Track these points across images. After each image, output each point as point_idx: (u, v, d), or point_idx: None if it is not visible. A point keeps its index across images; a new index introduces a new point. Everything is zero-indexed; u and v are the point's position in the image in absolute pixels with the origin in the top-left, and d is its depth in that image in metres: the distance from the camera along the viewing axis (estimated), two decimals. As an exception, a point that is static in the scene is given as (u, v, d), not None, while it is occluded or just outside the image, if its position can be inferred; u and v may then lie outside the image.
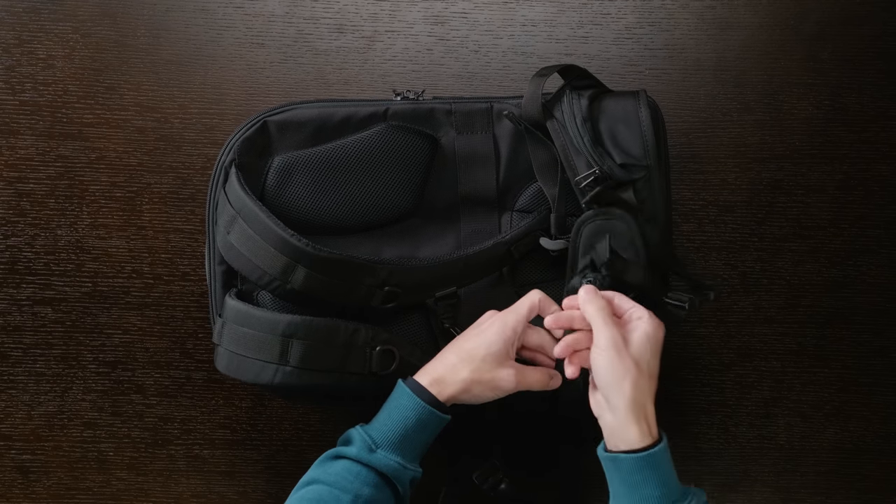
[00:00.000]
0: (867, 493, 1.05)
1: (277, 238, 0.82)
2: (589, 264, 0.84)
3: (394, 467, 0.79)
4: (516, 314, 0.82)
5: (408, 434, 0.80)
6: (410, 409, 0.80)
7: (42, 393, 1.03)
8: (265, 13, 1.02)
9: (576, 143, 0.85)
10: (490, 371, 0.81)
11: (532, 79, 0.87)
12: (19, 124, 1.02)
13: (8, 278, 1.02)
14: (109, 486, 1.04)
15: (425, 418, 0.80)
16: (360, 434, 0.80)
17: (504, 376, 0.81)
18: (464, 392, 0.81)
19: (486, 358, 0.81)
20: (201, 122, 1.02)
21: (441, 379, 0.81)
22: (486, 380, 0.81)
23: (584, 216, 0.84)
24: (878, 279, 1.04)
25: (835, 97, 1.03)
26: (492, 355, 0.81)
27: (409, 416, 0.80)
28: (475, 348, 0.81)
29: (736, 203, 1.03)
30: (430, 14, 1.03)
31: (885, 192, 1.04)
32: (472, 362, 0.81)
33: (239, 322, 0.85)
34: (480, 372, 0.81)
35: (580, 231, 0.85)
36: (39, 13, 1.02)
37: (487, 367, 0.81)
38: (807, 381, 1.05)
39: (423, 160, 0.89)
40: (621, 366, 0.76)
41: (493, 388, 0.82)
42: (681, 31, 1.03)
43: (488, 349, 0.81)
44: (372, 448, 0.79)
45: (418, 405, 0.80)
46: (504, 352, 0.81)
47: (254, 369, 0.84)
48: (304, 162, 0.88)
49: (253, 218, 0.83)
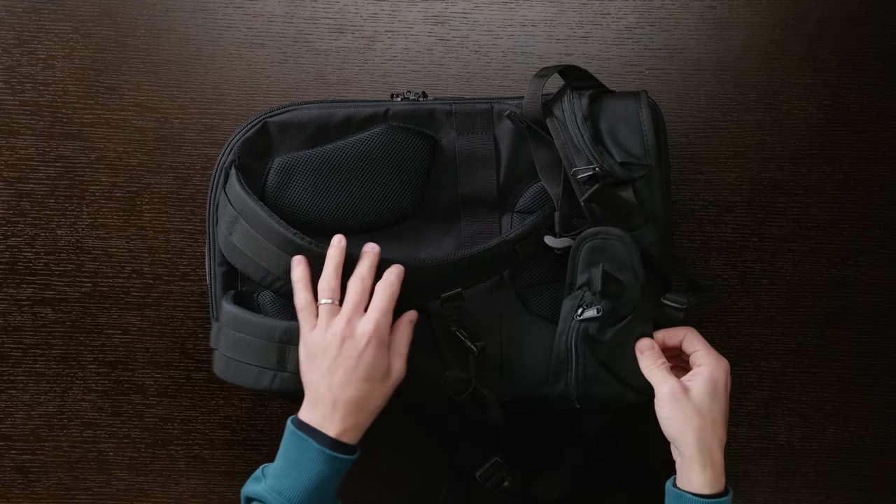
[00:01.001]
0: (867, 493, 1.06)
1: (280, 237, 0.82)
2: (587, 284, 0.84)
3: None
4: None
5: (323, 486, 0.77)
6: (321, 462, 0.76)
7: (42, 393, 1.03)
8: (265, 13, 1.02)
9: (576, 140, 0.85)
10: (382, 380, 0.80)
11: (532, 79, 0.87)
12: (19, 124, 1.02)
13: (8, 278, 1.02)
14: (109, 486, 1.04)
15: (339, 467, 0.78)
16: (274, 498, 0.76)
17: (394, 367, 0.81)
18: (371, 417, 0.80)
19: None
20: (201, 122, 1.02)
21: (347, 419, 0.78)
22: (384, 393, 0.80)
23: (584, 234, 0.84)
24: (878, 279, 1.04)
25: (835, 97, 1.03)
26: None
27: (322, 469, 0.76)
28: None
29: (736, 203, 1.03)
30: (430, 14, 1.03)
31: (885, 192, 1.04)
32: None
33: (236, 327, 0.85)
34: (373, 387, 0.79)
35: (580, 248, 0.85)
36: (39, 13, 1.02)
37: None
38: (807, 381, 1.05)
39: (423, 161, 0.89)
40: (683, 416, 0.78)
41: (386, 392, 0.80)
42: (681, 31, 1.03)
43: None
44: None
45: (330, 458, 0.77)
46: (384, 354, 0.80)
47: (252, 375, 0.84)
48: (305, 163, 0.88)
49: (255, 218, 0.83)
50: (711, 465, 0.78)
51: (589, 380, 0.84)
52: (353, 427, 0.78)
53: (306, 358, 0.80)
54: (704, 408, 0.79)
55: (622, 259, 0.84)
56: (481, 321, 0.88)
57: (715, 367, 0.81)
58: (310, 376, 0.79)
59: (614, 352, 0.84)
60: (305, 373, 0.80)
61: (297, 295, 0.80)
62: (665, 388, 0.80)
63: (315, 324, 0.80)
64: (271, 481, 0.77)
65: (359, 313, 0.79)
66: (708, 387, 0.80)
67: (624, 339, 0.84)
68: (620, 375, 0.85)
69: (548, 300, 0.89)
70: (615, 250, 0.84)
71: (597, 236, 0.84)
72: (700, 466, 0.78)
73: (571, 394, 0.85)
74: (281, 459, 0.78)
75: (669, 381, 0.80)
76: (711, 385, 0.80)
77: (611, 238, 0.84)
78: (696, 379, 0.80)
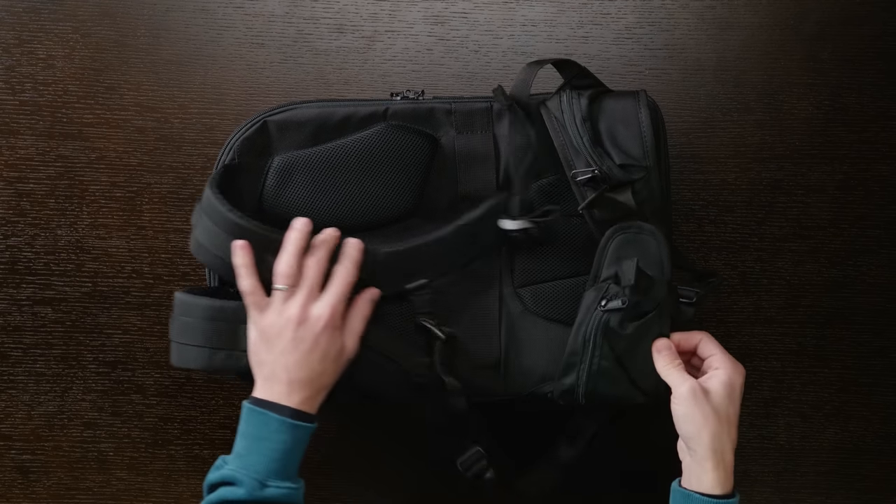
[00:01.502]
0: (867, 493, 1.05)
1: (232, 224, 0.81)
2: (612, 277, 0.84)
3: (288, 494, 0.78)
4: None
5: (288, 457, 0.79)
6: (283, 431, 0.78)
7: (42, 393, 1.03)
8: (265, 13, 1.03)
9: (575, 142, 0.85)
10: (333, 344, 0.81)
11: (527, 65, 0.87)
12: (19, 124, 1.02)
13: (8, 278, 1.02)
14: (109, 486, 1.04)
15: (300, 436, 0.79)
16: (242, 474, 0.78)
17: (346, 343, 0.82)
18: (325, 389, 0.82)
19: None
20: (201, 122, 1.02)
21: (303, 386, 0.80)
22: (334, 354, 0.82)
23: (616, 227, 0.85)
24: (878, 279, 1.04)
25: (835, 97, 1.03)
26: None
27: (285, 439, 0.78)
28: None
29: (736, 203, 1.03)
30: (430, 14, 1.03)
31: (885, 192, 1.04)
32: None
33: (185, 314, 0.85)
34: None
35: (610, 241, 0.85)
36: (39, 13, 1.02)
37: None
38: (807, 381, 1.05)
39: (422, 160, 0.89)
40: (700, 415, 0.79)
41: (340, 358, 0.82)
42: (681, 31, 1.03)
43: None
44: (263, 484, 0.77)
45: (292, 427, 0.79)
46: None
47: (203, 356, 0.84)
48: (304, 162, 0.88)
49: (212, 210, 0.83)
50: (724, 465, 0.79)
51: (600, 375, 0.84)
52: (308, 399, 0.80)
53: (259, 340, 0.81)
54: (722, 409, 0.80)
55: (652, 254, 0.84)
56: (479, 320, 0.89)
57: (733, 371, 0.82)
58: (263, 357, 0.80)
59: (631, 347, 0.84)
60: (258, 353, 0.81)
61: (241, 281, 0.81)
62: (685, 386, 0.80)
63: (265, 307, 0.81)
64: (235, 462, 0.79)
65: (314, 297, 0.81)
66: (726, 389, 0.81)
67: (643, 335, 0.84)
68: (631, 374, 0.85)
69: (547, 298, 0.88)
70: (646, 245, 0.84)
71: (629, 230, 0.85)
72: (713, 466, 0.78)
73: (579, 389, 0.85)
74: (241, 440, 0.80)
75: (689, 381, 0.81)
76: (729, 388, 0.81)
77: (643, 232, 0.84)
78: (714, 381, 0.81)
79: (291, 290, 0.80)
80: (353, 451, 1.04)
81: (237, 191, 0.86)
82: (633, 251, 0.84)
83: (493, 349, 0.88)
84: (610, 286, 0.84)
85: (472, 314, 0.89)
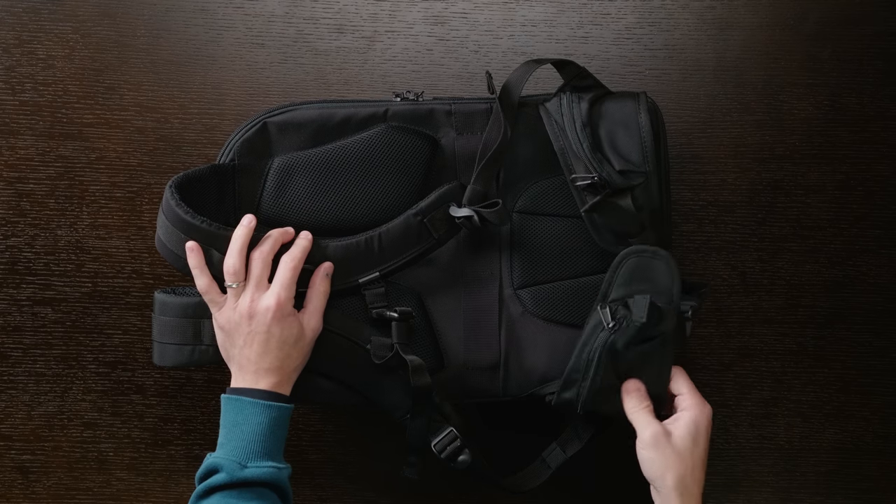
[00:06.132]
0: (867, 493, 1.06)
1: (183, 223, 0.82)
2: (621, 300, 0.84)
3: (271, 473, 0.79)
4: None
5: (266, 438, 0.80)
6: (258, 413, 0.80)
7: (42, 393, 1.03)
8: (265, 13, 1.02)
9: (575, 148, 0.85)
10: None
11: (525, 63, 0.87)
12: (19, 124, 1.02)
13: (8, 278, 1.02)
14: (109, 486, 1.04)
15: (276, 415, 0.81)
16: (223, 459, 0.79)
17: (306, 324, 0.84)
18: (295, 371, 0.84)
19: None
20: (201, 122, 1.02)
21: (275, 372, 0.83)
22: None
23: (629, 249, 0.85)
24: (878, 279, 1.04)
25: (835, 97, 1.03)
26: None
27: (261, 420, 0.80)
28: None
29: (736, 203, 1.03)
30: (430, 14, 1.03)
31: (885, 192, 1.04)
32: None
33: (162, 312, 0.87)
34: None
35: (623, 262, 0.85)
36: (39, 13, 1.02)
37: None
38: (807, 381, 1.05)
39: (422, 161, 0.89)
40: (662, 460, 0.80)
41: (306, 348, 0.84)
42: (681, 31, 1.03)
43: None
44: (242, 466, 0.79)
45: (265, 407, 0.81)
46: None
47: (174, 353, 0.87)
48: (304, 163, 0.88)
49: (167, 208, 0.84)
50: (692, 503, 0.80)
51: (600, 393, 0.84)
52: (279, 384, 0.83)
53: (222, 336, 0.84)
54: (686, 452, 0.80)
55: (663, 283, 0.84)
56: (479, 321, 0.89)
57: (698, 413, 0.82)
58: (230, 352, 0.84)
59: (633, 369, 0.84)
60: (224, 348, 0.84)
61: (197, 281, 0.84)
62: (647, 431, 0.81)
63: (222, 304, 0.83)
64: (218, 451, 0.81)
65: (261, 289, 0.83)
66: (690, 431, 0.81)
67: (646, 360, 0.84)
68: None
69: (546, 300, 0.88)
70: (658, 272, 0.84)
71: (643, 254, 0.84)
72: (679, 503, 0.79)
73: (578, 402, 0.85)
74: (222, 430, 0.82)
75: (652, 425, 0.81)
76: (693, 429, 0.81)
77: (657, 258, 0.84)
78: (679, 423, 0.82)
79: (241, 286, 0.83)
80: (353, 451, 1.04)
81: (207, 195, 0.86)
82: (644, 278, 0.84)
83: (492, 351, 0.88)
84: (618, 308, 0.83)
85: (471, 315, 0.89)
